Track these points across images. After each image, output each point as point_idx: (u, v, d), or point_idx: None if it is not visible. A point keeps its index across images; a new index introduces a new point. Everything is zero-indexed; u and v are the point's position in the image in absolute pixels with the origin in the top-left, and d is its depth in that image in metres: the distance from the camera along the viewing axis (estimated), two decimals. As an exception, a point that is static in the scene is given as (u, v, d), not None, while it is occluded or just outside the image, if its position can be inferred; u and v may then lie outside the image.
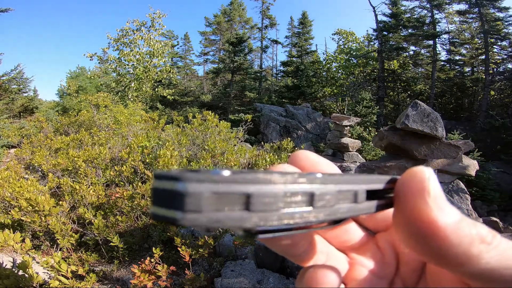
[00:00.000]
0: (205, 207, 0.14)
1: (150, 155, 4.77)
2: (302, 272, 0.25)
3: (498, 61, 18.42)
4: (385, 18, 20.53)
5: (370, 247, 0.28)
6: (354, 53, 21.47)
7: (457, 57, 20.75)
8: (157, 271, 2.49)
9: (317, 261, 0.26)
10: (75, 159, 4.75)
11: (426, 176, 0.20)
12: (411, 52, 21.40)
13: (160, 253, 2.68)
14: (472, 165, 5.58)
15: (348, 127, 9.88)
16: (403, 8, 20.36)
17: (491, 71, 17.77)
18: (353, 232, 0.28)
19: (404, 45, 20.44)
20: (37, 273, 2.32)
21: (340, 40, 22.43)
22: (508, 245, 0.19)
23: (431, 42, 19.64)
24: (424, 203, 0.19)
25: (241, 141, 8.64)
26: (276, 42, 31.85)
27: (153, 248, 2.71)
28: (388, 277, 0.27)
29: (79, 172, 4.58)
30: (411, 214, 0.19)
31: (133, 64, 17.08)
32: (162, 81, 19.45)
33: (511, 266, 0.18)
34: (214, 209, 0.15)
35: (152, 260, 2.61)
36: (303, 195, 0.18)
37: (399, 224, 0.21)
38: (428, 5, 19.39)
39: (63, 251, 3.36)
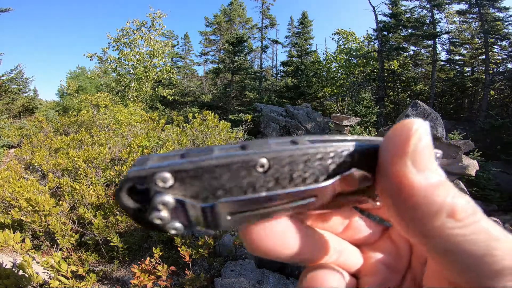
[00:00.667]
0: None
1: (150, 155, 4.76)
2: (304, 272, 0.24)
3: (498, 61, 18.42)
4: (385, 18, 20.54)
5: (384, 240, 0.27)
6: (354, 53, 21.46)
7: (457, 57, 20.75)
8: (157, 271, 2.49)
9: (328, 259, 0.24)
10: (75, 159, 4.75)
11: (412, 130, 0.17)
12: (411, 52, 21.40)
13: (160, 253, 2.68)
14: (472, 165, 5.58)
15: (348, 127, 9.89)
16: (403, 8, 20.35)
17: (491, 71, 17.77)
18: (366, 227, 0.27)
19: (404, 45, 20.43)
20: (37, 273, 2.32)
21: (340, 40, 22.42)
22: (485, 227, 0.16)
23: (431, 42, 19.64)
24: (403, 162, 0.17)
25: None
26: (276, 42, 31.85)
27: (153, 248, 2.71)
28: (401, 270, 0.26)
29: (79, 172, 4.58)
30: (390, 176, 0.17)
31: (133, 64, 17.09)
32: (162, 81, 19.45)
33: (476, 253, 0.16)
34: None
35: (152, 260, 2.61)
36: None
37: (381, 192, 0.19)
38: (428, 5, 19.38)
39: (63, 251, 3.36)
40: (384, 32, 20.10)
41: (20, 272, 2.26)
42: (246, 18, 31.67)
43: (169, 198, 0.17)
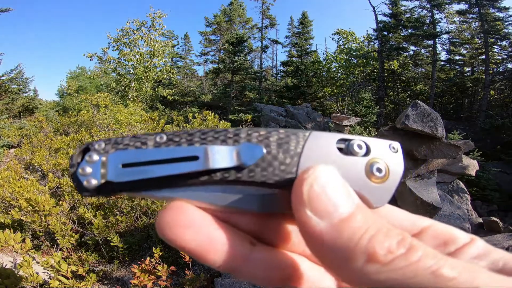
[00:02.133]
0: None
1: (150, 155, 4.76)
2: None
3: (498, 61, 18.42)
4: (385, 18, 20.55)
5: None
6: (354, 53, 21.46)
7: (457, 57, 20.76)
8: (157, 271, 2.49)
9: None
10: (75, 159, 4.74)
11: (303, 178, 0.17)
12: (411, 52, 21.41)
13: (160, 253, 2.68)
14: (472, 165, 5.59)
15: (348, 127, 9.88)
16: (403, 8, 20.36)
17: (491, 71, 17.77)
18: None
19: (404, 45, 20.43)
20: (37, 273, 2.32)
21: (340, 40, 22.42)
22: (429, 266, 0.14)
23: (431, 42, 19.64)
24: (303, 211, 0.16)
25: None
26: (276, 42, 31.85)
27: (153, 248, 2.71)
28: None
29: (79, 172, 4.57)
30: (298, 224, 0.17)
31: (133, 64, 17.09)
32: (162, 81, 19.46)
33: None
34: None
35: (152, 260, 2.61)
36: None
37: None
38: (428, 5, 19.38)
39: (63, 251, 3.36)
40: (384, 32, 20.10)
41: (20, 272, 2.26)
42: (246, 18, 31.66)
43: (94, 154, 0.20)
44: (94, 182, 0.20)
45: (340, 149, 0.21)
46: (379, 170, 0.20)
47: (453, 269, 0.13)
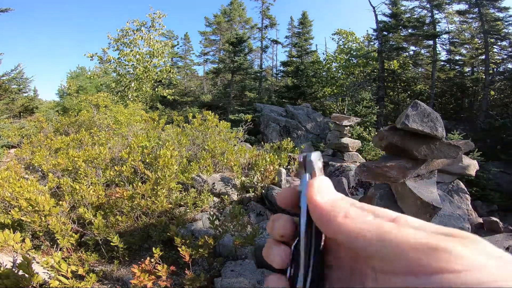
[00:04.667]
0: None
1: (150, 155, 4.77)
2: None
3: (498, 61, 18.40)
4: (385, 18, 20.52)
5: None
6: (354, 53, 21.45)
7: (457, 57, 20.72)
8: (157, 271, 2.49)
9: None
10: (75, 159, 4.74)
11: (315, 183, 0.30)
12: (411, 52, 21.37)
13: (160, 253, 2.68)
14: (472, 165, 5.58)
15: (348, 127, 9.87)
16: (403, 8, 20.33)
17: (491, 71, 17.76)
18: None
19: (404, 45, 20.41)
20: (37, 273, 2.32)
21: (340, 40, 22.41)
22: (375, 222, 0.24)
23: (431, 42, 19.61)
24: (312, 192, 0.29)
25: (241, 141, 8.63)
26: (276, 42, 31.83)
27: (153, 248, 2.71)
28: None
29: (79, 172, 4.58)
30: (308, 202, 0.29)
31: (133, 64, 17.08)
32: (162, 81, 19.44)
33: (370, 237, 0.23)
34: None
35: (152, 260, 2.61)
36: None
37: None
38: (428, 5, 19.36)
39: (63, 251, 3.36)
40: (384, 32, 20.08)
41: (20, 272, 2.26)
42: (246, 18, 31.64)
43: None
44: None
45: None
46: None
47: (392, 227, 0.23)
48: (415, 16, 19.94)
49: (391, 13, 20.19)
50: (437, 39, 19.26)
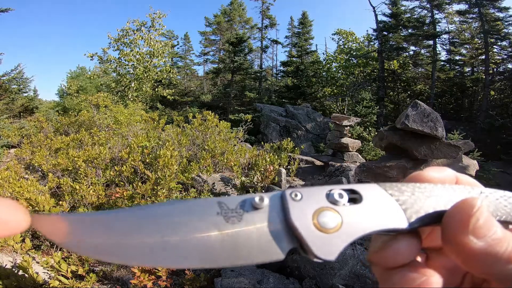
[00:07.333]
0: None
1: (150, 155, 4.77)
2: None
3: (498, 61, 18.41)
4: (385, 18, 20.53)
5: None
6: (354, 53, 21.45)
7: (457, 57, 20.74)
8: (157, 271, 2.49)
9: None
10: (75, 159, 4.75)
11: (471, 212, 0.21)
12: (411, 52, 21.38)
13: (160, 253, 2.67)
14: (472, 165, 5.58)
15: (348, 127, 9.86)
16: (403, 8, 20.34)
17: (491, 71, 17.76)
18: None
19: (404, 45, 20.42)
20: (37, 273, 2.32)
21: (340, 40, 22.41)
22: None
23: (431, 42, 19.63)
24: (465, 237, 0.21)
25: (241, 141, 8.63)
26: (276, 42, 31.83)
27: (153, 248, 2.70)
28: (461, 273, 0.28)
29: (79, 172, 4.58)
30: (454, 244, 0.22)
31: (133, 64, 17.09)
32: (162, 81, 19.45)
33: None
34: None
35: (152, 260, 2.60)
36: None
37: (445, 246, 0.23)
38: (428, 5, 19.37)
39: (63, 251, 3.36)
40: (384, 32, 20.09)
41: (20, 272, 2.26)
42: (246, 18, 31.64)
43: None
44: None
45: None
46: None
47: None
48: (415, 16, 19.95)
49: (391, 13, 20.19)
50: (437, 39, 19.27)
